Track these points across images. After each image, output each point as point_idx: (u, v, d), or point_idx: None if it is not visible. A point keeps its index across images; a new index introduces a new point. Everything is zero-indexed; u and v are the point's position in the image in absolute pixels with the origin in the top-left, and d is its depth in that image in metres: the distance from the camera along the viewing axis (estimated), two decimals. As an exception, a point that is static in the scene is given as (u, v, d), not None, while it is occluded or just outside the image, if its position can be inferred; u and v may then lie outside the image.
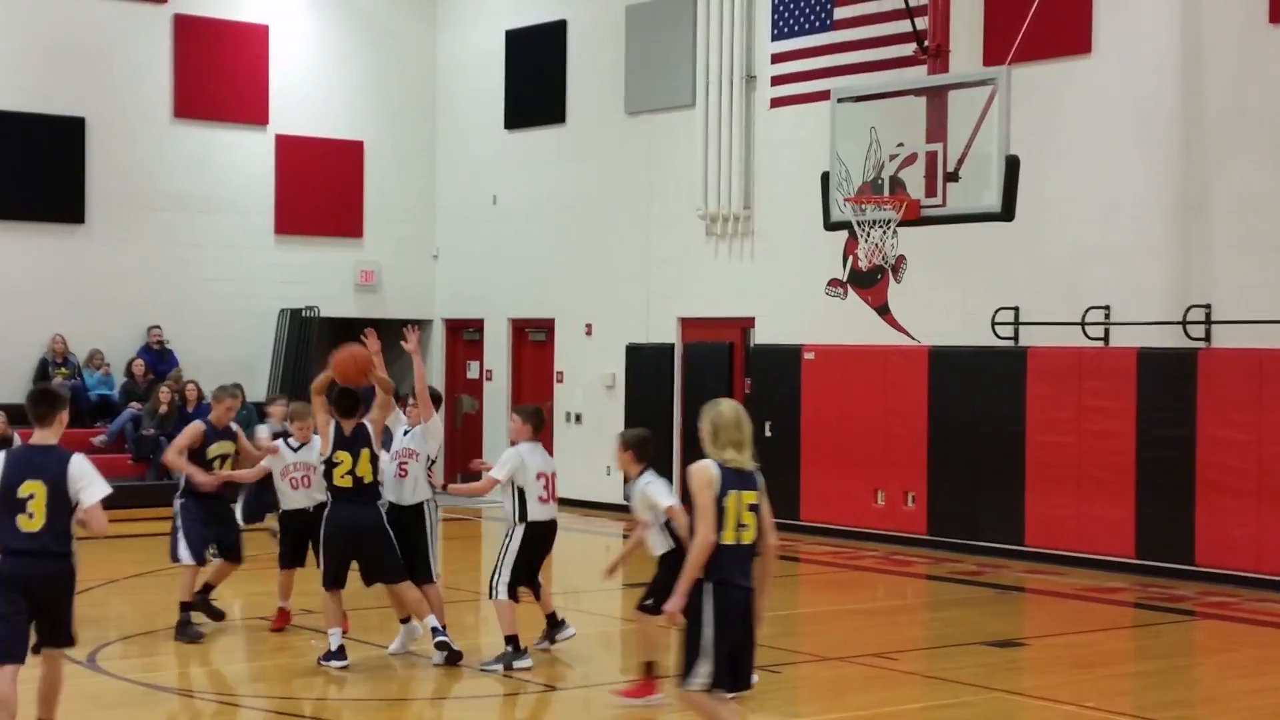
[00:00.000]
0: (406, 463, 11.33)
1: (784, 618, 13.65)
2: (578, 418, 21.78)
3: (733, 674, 7.59)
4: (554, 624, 11.53)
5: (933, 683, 10.95)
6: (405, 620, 11.38)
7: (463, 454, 23.92)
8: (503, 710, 10.29)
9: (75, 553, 8.22)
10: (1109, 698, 10.45)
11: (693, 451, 14.21)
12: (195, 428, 12.27)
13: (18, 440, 15.81)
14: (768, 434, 19.18)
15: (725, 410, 7.69)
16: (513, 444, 11.04)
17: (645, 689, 10.01)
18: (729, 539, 7.53)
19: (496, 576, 10.90)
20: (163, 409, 20.62)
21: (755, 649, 7.67)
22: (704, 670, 7.49)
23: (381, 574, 11.05)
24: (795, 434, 18.89)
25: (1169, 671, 11.73)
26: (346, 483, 10.90)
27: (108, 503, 8.08)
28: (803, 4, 19.22)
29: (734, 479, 7.58)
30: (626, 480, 10.60)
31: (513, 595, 10.94)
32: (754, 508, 7.60)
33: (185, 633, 11.93)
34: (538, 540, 10.99)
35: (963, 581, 15.52)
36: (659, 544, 10.15)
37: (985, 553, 16.91)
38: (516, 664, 10.85)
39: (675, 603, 7.60)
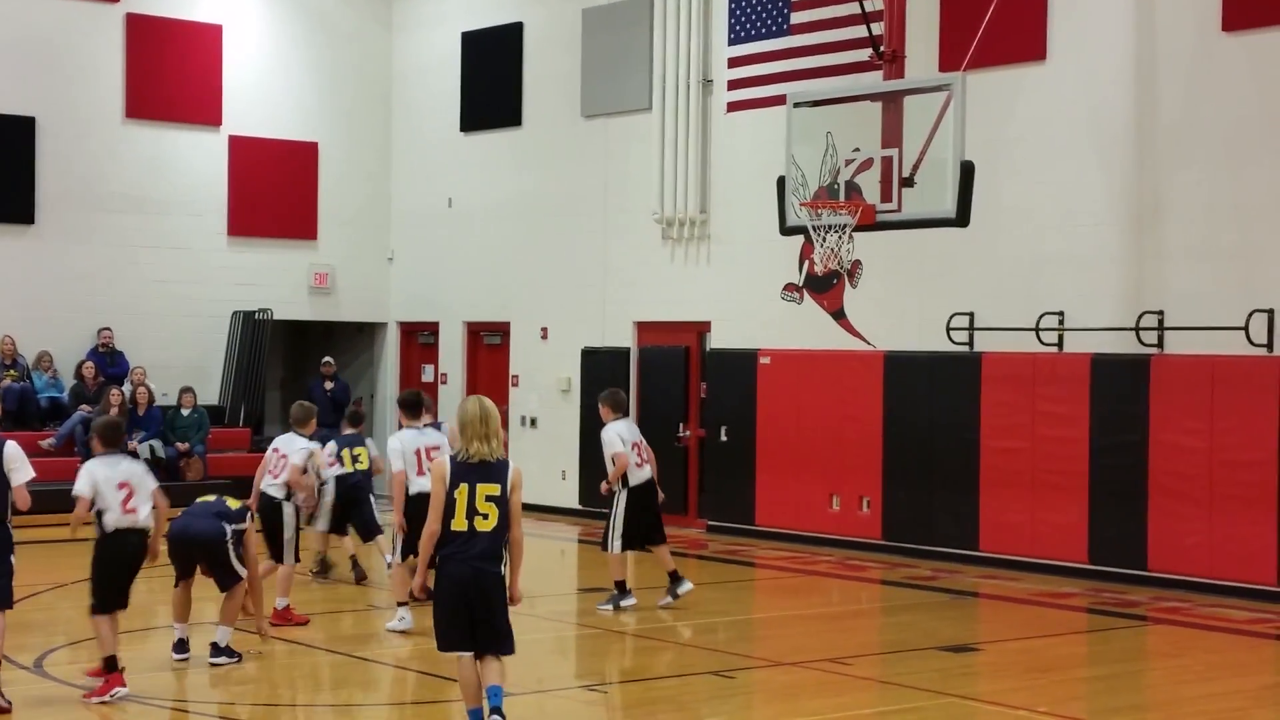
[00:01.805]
0: None
1: (738, 622, 13.64)
2: (533, 422, 21.71)
3: (472, 638, 8.42)
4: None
5: (887, 688, 10.94)
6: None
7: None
8: (457, 714, 10.20)
9: (10, 521, 9.79)
10: (1062, 703, 10.46)
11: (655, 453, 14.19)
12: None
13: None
14: (723, 438, 19.18)
15: (470, 407, 8.42)
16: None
17: (108, 685, 10.06)
18: (460, 526, 8.31)
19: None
20: (113, 411, 20.42)
21: (499, 621, 8.43)
22: (439, 634, 8.48)
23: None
24: (751, 438, 18.88)
25: (1122, 676, 11.75)
26: None
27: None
28: (759, 8, 19.23)
29: (468, 473, 8.33)
30: None
31: None
32: (494, 499, 8.31)
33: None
34: None
35: (917, 587, 15.54)
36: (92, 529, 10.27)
37: (940, 558, 16.93)
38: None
39: (416, 583, 8.72)
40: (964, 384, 16.86)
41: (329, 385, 23.09)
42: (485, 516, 8.32)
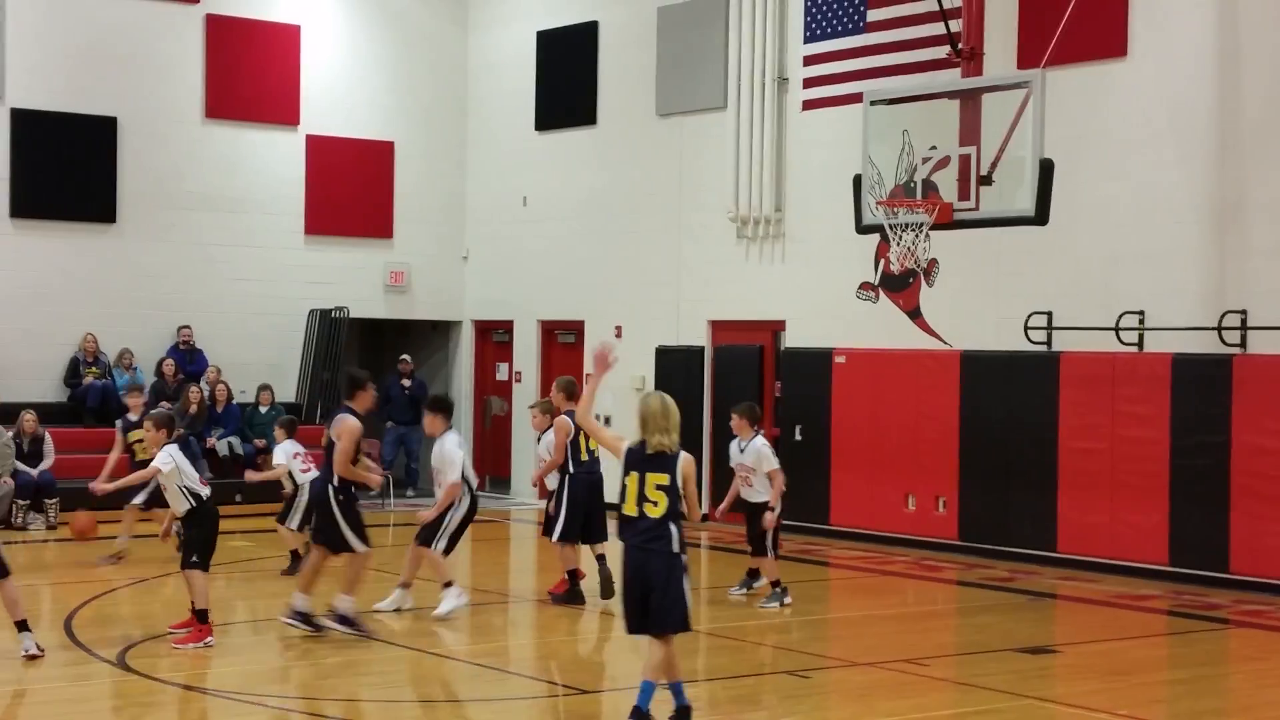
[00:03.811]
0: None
1: (814, 622, 13.58)
2: (607, 420, 21.69)
3: (643, 617, 8.86)
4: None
5: (964, 689, 10.85)
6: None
7: (492, 454, 23.93)
8: (530, 713, 10.23)
9: None
10: (1142, 706, 10.34)
11: (722, 453, 14.19)
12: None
13: (49, 439, 15.88)
14: (798, 437, 19.11)
15: (652, 403, 9.02)
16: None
17: (202, 633, 11.40)
18: (631, 511, 8.86)
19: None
20: (193, 409, 20.63)
21: (670, 599, 8.80)
22: (626, 618, 8.97)
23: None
24: (826, 438, 18.80)
25: (1203, 680, 11.61)
26: None
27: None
28: (836, 6, 19.14)
29: (640, 462, 8.88)
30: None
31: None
32: (663, 488, 8.81)
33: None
34: None
35: (994, 588, 15.41)
36: (180, 504, 11.60)
37: (1017, 559, 16.79)
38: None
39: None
40: (1042, 384, 16.70)
41: (406, 383, 23.25)
42: (655, 504, 8.83)
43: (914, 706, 10.25)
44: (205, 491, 11.67)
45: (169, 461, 11.50)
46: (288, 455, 14.97)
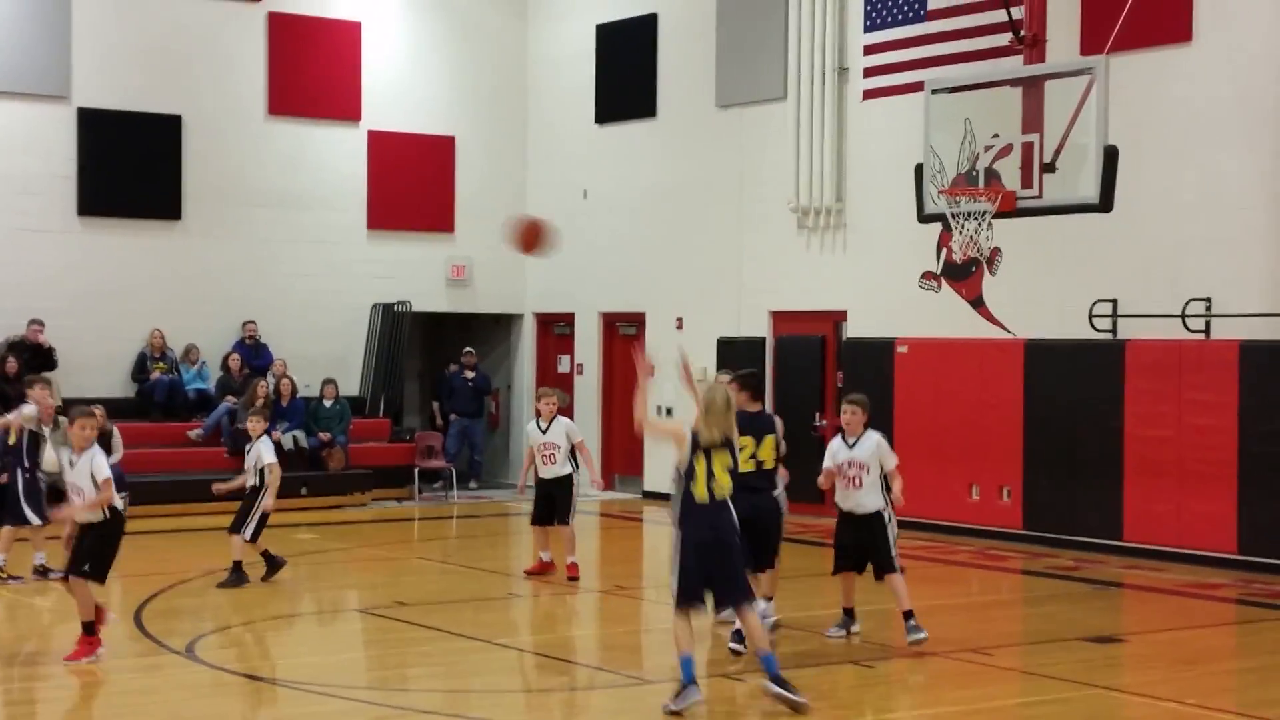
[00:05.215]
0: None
1: (877, 612, 13.51)
2: (669, 411, 21.71)
3: (719, 590, 9.70)
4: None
5: (1030, 678, 10.81)
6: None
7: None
8: (608, 699, 10.27)
9: None
10: (1211, 695, 10.25)
11: (789, 444, 14.14)
12: None
13: (117, 434, 16.07)
14: (860, 428, 19.03)
15: (717, 397, 9.68)
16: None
17: (88, 647, 10.70)
18: (701, 496, 9.57)
19: None
20: (259, 402, 20.79)
21: (739, 574, 9.70)
22: (677, 590, 9.67)
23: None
24: (888, 428, 18.61)
25: (1272, 669, 11.48)
26: None
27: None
28: (895, -6, 19.08)
29: (706, 448, 9.52)
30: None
31: None
32: (730, 470, 9.59)
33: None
34: None
35: (1059, 577, 15.32)
36: (94, 513, 10.85)
37: (1082, 548, 16.68)
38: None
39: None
40: (1107, 372, 16.58)
41: (469, 375, 23.39)
42: (724, 486, 9.59)
43: (980, 696, 10.22)
44: (120, 503, 11.11)
45: (99, 468, 10.87)
46: (272, 452, 14.02)
